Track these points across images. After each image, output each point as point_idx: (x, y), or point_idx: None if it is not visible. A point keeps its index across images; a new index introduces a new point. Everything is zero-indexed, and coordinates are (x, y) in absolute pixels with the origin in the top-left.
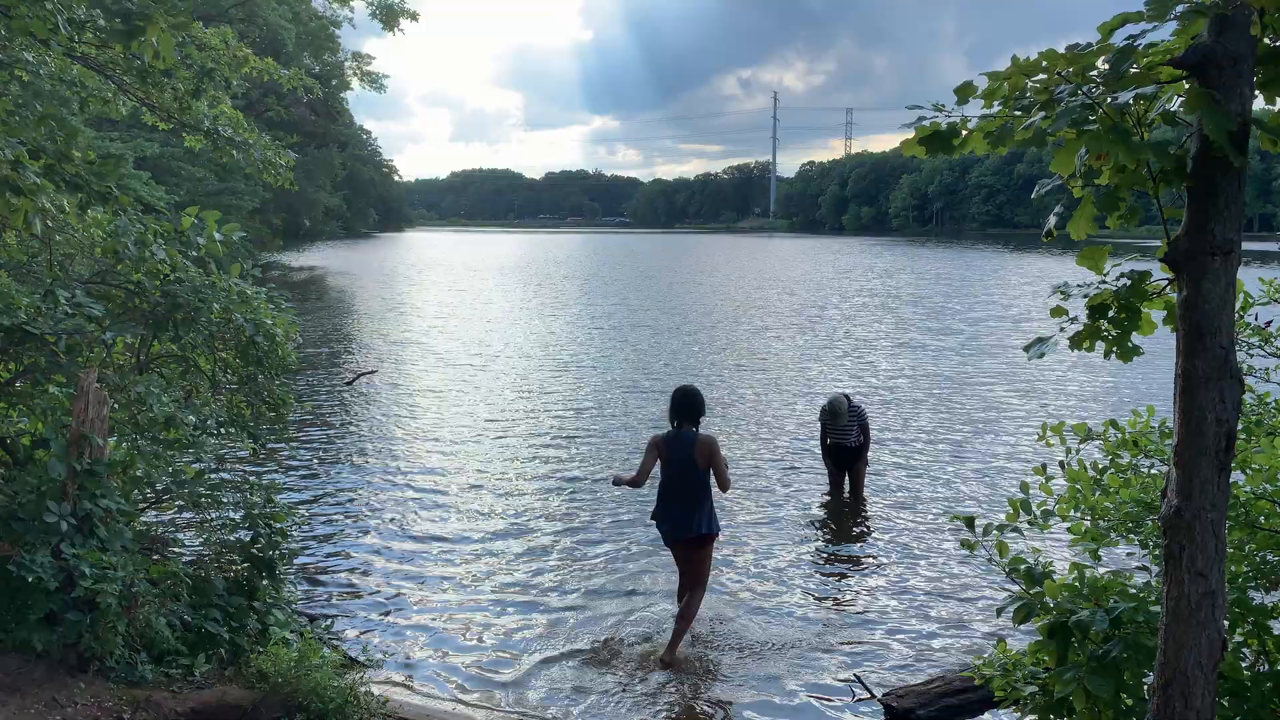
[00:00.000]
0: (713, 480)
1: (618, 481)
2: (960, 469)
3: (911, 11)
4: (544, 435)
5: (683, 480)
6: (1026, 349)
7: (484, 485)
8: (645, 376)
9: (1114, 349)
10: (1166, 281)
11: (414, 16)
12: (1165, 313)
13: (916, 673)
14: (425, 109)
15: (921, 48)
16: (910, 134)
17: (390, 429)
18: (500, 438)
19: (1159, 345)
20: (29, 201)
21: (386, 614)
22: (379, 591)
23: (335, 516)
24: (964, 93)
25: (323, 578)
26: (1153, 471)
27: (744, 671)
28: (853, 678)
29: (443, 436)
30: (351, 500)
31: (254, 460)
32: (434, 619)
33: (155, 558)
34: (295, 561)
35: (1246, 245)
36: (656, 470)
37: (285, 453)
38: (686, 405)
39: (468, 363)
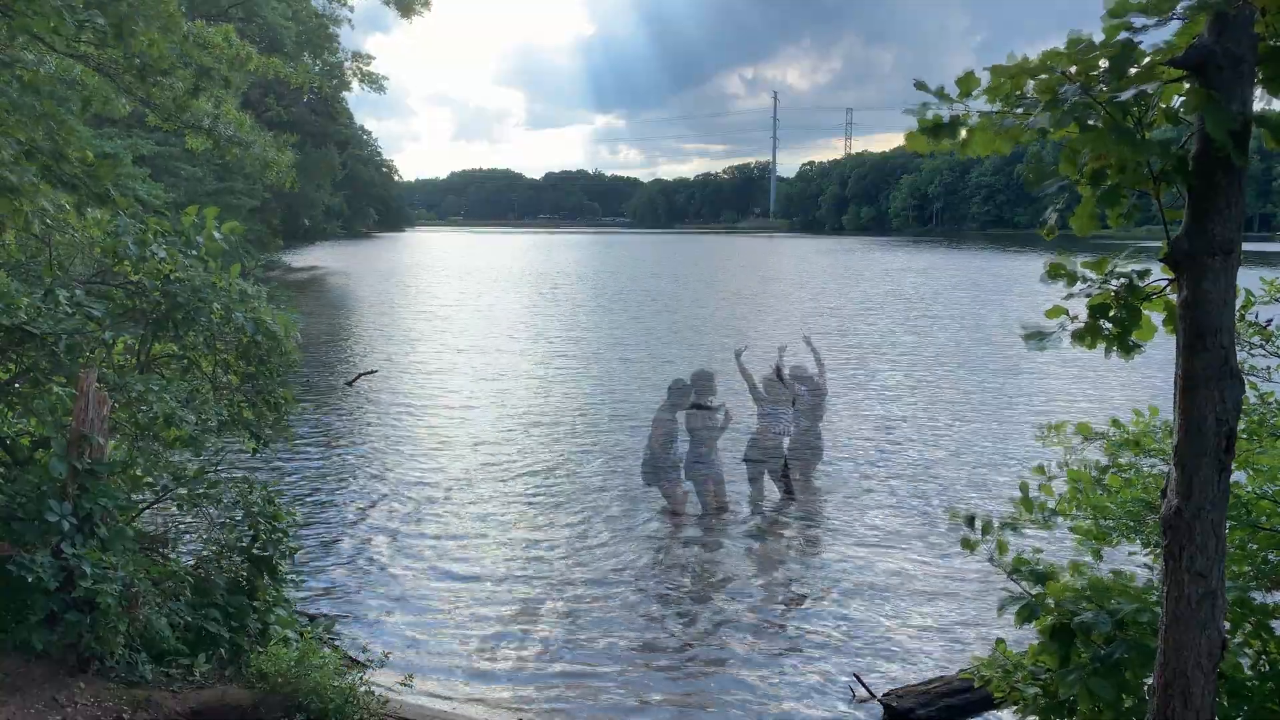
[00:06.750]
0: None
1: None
2: (961, 468)
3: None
4: (544, 436)
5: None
6: (1026, 339)
7: (484, 485)
8: (647, 370)
9: (1114, 345)
10: (1167, 282)
11: (426, 4)
12: (1164, 315)
13: (917, 673)
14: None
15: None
16: (913, 125)
17: (391, 429)
18: (501, 438)
19: (1160, 348)
20: (28, 201)
21: (387, 614)
22: (379, 591)
23: (335, 516)
24: (966, 84)
25: (323, 577)
26: (1154, 471)
27: (744, 670)
28: (853, 677)
29: (443, 437)
30: (352, 500)
31: (255, 460)
32: (433, 619)
33: (155, 558)
34: (295, 561)
35: (1246, 245)
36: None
37: (286, 452)
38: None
39: (469, 363)
